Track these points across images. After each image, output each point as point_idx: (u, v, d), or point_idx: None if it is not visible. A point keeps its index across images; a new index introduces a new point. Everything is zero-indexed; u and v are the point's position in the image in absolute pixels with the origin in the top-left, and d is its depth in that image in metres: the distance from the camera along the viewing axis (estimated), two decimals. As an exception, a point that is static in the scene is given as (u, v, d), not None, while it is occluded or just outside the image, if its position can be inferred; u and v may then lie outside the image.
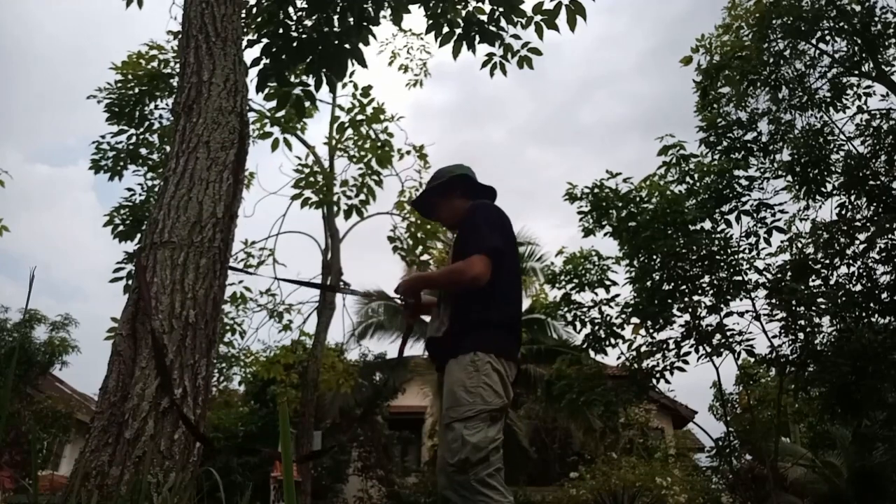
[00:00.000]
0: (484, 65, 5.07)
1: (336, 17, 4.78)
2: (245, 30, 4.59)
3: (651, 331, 8.60)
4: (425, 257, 9.84)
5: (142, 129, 8.62)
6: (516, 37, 4.97)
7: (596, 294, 8.80)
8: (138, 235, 7.98)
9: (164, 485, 2.00)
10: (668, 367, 8.46)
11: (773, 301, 8.10)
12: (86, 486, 1.96)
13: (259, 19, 4.89)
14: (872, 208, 8.47)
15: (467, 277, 2.33)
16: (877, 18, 8.92)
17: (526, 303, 15.10)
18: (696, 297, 8.39)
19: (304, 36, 4.78)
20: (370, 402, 13.97)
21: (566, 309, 8.92)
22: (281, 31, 4.78)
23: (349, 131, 9.78)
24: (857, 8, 8.93)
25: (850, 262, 8.24)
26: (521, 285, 2.67)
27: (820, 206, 9.32)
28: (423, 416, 15.25)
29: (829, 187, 9.05)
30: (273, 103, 5.32)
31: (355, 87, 9.42)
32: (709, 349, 8.37)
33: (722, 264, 8.19)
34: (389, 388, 14.76)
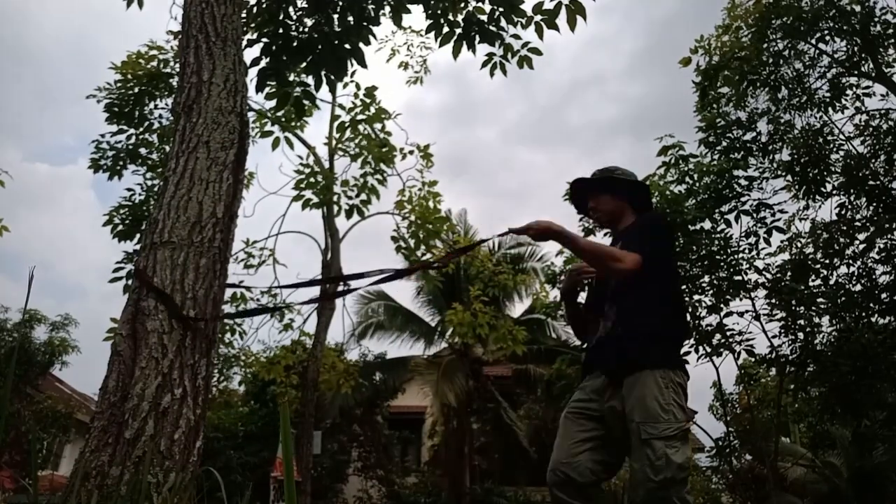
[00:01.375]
0: (484, 65, 5.07)
1: (336, 16, 4.78)
2: (245, 30, 4.59)
3: (651, 331, 8.57)
4: (427, 256, 9.82)
5: (141, 129, 8.62)
6: (516, 37, 4.97)
7: (596, 294, 8.78)
8: (138, 235, 7.98)
9: (164, 485, 2.00)
10: (668, 367, 8.44)
11: (773, 301, 8.10)
12: (86, 486, 1.96)
13: (259, 19, 4.89)
14: (872, 208, 8.46)
15: (618, 266, 2.36)
16: (876, 19, 8.90)
17: (526, 303, 15.09)
18: (695, 297, 8.38)
19: (304, 36, 4.78)
20: (370, 405, 13.96)
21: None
22: (281, 30, 4.78)
23: (349, 131, 9.77)
24: (857, 8, 8.92)
25: (850, 262, 8.24)
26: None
27: (819, 206, 9.30)
28: (423, 416, 15.23)
29: (829, 187, 9.03)
30: (273, 102, 5.33)
31: (357, 87, 9.43)
32: (709, 349, 8.37)
33: (722, 264, 8.18)
34: (389, 390, 14.74)
